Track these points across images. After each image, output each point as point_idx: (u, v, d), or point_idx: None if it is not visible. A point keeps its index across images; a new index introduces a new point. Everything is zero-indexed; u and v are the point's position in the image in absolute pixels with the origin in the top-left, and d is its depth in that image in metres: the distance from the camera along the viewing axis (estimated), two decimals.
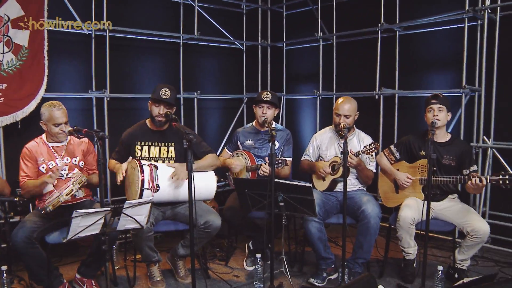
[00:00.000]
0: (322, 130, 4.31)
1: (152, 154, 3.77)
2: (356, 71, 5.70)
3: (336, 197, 3.98)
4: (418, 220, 3.58)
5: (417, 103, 5.10)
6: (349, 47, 5.74)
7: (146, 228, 3.34)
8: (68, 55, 4.89)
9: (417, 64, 5.14)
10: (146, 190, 3.39)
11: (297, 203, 3.39)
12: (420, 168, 3.80)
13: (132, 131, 3.84)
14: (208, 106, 6.16)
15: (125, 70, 5.31)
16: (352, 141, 4.06)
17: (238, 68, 6.36)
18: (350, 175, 4.00)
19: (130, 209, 2.76)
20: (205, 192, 3.75)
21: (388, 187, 4.02)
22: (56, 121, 3.48)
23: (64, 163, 3.58)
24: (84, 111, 5.05)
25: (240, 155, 4.25)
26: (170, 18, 5.63)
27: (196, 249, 3.76)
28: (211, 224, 3.56)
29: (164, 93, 3.63)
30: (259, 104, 4.20)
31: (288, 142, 4.32)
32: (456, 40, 4.70)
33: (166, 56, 5.67)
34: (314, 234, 3.72)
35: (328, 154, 4.09)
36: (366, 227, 3.63)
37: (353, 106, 3.94)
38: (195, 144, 3.76)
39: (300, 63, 6.47)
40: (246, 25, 6.31)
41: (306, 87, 6.33)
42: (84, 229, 2.66)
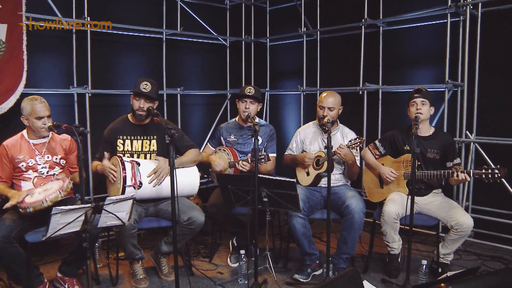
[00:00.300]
0: (305, 125, 4.29)
1: (134, 147, 3.72)
2: (340, 67, 5.70)
3: (320, 192, 3.96)
4: (403, 214, 3.58)
5: (400, 98, 5.11)
6: (333, 43, 5.74)
7: (129, 225, 3.29)
8: (49, 50, 4.79)
9: (400, 59, 5.16)
10: (128, 187, 3.33)
11: (281, 198, 3.37)
12: (404, 162, 3.80)
13: (113, 126, 3.78)
14: (192, 102, 6.10)
15: (107, 66, 5.23)
16: (336, 136, 4.05)
17: (222, 64, 6.31)
18: (334, 170, 3.99)
19: (111, 206, 2.71)
20: (188, 188, 3.71)
21: (372, 182, 4.02)
22: (38, 114, 3.40)
23: (45, 161, 3.50)
24: (66, 107, 4.95)
25: (223, 151, 4.21)
26: (153, 14, 5.56)
27: (180, 246, 3.71)
28: (195, 221, 3.53)
29: (145, 86, 3.58)
30: (242, 99, 4.16)
31: (272, 137, 4.30)
32: (439, 35, 4.72)
33: (149, 51, 5.60)
34: (298, 230, 3.71)
35: (312, 148, 4.08)
36: (351, 222, 3.62)
37: (337, 100, 3.93)
38: (178, 139, 3.71)
39: (284, 59, 6.45)
40: (229, 20, 6.26)
41: (290, 83, 6.32)
42: (64, 226, 2.59)
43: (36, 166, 3.46)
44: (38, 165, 3.47)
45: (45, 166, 3.49)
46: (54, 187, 3.22)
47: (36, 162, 3.46)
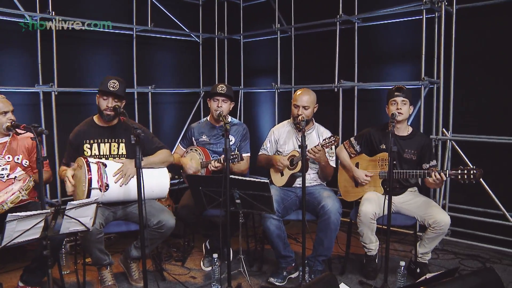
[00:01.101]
0: (280, 124, 4.18)
1: (102, 151, 3.54)
2: (315, 64, 5.60)
3: (295, 193, 3.86)
4: (379, 214, 3.50)
5: (376, 95, 5.06)
6: (308, 39, 5.64)
7: (95, 230, 3.12)
8: (11, 46, 4.57)
9: (376, 56, 5.09)
10: (94, 189, 3.16)
11: (254, 200, 3.24)
12: (380, 161, 3.72)
13: (79, 129, 3.58)
14: (163, 100, 5.95)
15: (74, 63, 5.03)
16: (311, 135, 3.95)
17: (194, 61, 6.17)
18: (309, 169, 3.90)
19: (73, 211, 2.55)
20: (158, 190, 3.55)
21: (347, 181, 3.93)
22: (2, 109, 3.24)
23: (6, 162, 3.31)
24: (30, 106, 4.75)
25: (195, 151, 4.07)
26: (122, 9, 5.38)
27: (149, 251, 3.57)
28: (164, 224, 3.37)
29: (113, 85, 3.41)
30: (214, 97, 4.03)
31: (245, 137, 4.17)
32: (414, 32, 4.68)
33: (118, 48, 5.42)
34: (272, 232, 3.59)
35: (286, 148, 3.97)
36: (327, 223, 3.52)
37: (312, 98, 3.83)
38: (146, 140, 3.57)
39: (258, 56, 6.33)
40: (202, 16, 6.13)
41: (264, 80, 6.20)
42: (21, 233, 2.43)
43: None
44: None
45: (6, 168, 3.30)
46: (14, 188, 3.04)
47: None
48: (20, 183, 3.07)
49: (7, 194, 3.00)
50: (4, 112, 3.24)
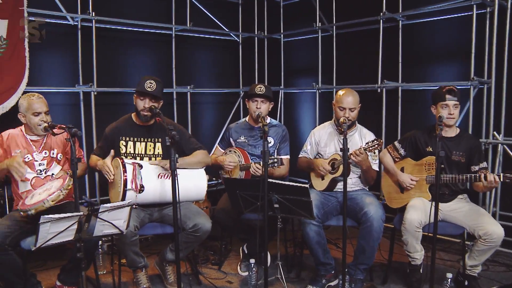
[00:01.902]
0: (321, 125, 4.03)
1: (137, 150, 3.50)
2: (357, 63, 5.41)
3: (336, 198, 3.71)
4: (425, 222, 3.30)
5: (421, 96, 4.83)
6: (350, 38, 5.46)
7: (129, 232, 3.08)
8: (53, 47, 4.63)
9: (421, 55, 4.85)
10: (129, 190, 3.12)
11: (293, 205, 3.12)
12: (426, 165, 3.52)
13: (116, 125, 3.57)
14: (203, 100, 5.90)
15: (114, 63, 5.06)
16: (354, 137, 3.79)
17: (234, 61, 6.09)
18: (351, 173, 3.73)
19: (106, 214, 2.49)
20: (195, 193, 3.47)
21: (392, 186, 3.74)
22: (35, 110, 3.23)
23: (43, 157, 3.32)
24: (71, 106, 4.80)
25: (233, 153, 3.98)
26: (161, 9, 5.37)
27: (185, 255, 3.50)
28: (200, 228, 3.29)
29: (149, 85, 3.36)
30: (253, 98, 3.92)
31: (285, 138, 4.06)
32: (463, 29, 4.42)
33: (158, 48, 5.42)
34: (312, 238, 3.45)
35: (327, 151, 3.82)
36: (369, 231, 3.36)
37: (357, 98, 3.67)
38: (184, 140, 3.52)
39: (299, 55, 6.18)
40: (242, 15, 6.04)
41: (305, 80, 6.05)
42: (55, 235, 2.39)
43: (33, 162, 3.28)
44: (35, 161, 3.29)
45: (43, 163, 3.31)
46: (54, 185, 3.03)
47: (33, 158, 3.29)
48: (60, 181, 3.05)
49: (47, 191, 2.98)
50: (37, 113, 3.23)
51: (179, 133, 3.48)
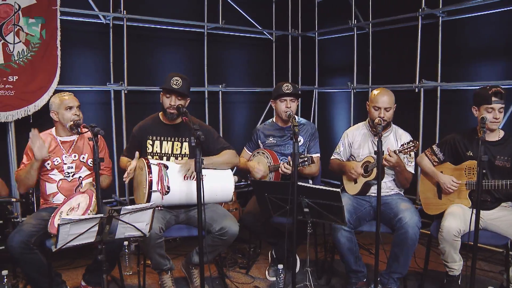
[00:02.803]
0: (354, 126, 3.87)
1: (164, 149, 3.44)
2: (394, 62, 5.19)
3: (369, 202, 3.54)
4: (465, 231, 3.09)
5: (462, 96, 4.58)
6: (386, 36, 5.25)
7: (154, 234, 3.01)
8: (85, 46, 4.66)
9: (462, 53, 4.59)
10: (154, 192, 3.05)
11: (323, 209, 2.97)
12: (467, 170, 3.31)
13: (143, 124, 3.51)
14: (235, 100, 5.82)
15: (145, 62, 5.04)
16: (389, 138, 3.61)
17: (267, 59, 5.99)
18: (385, 176, 3.55)
19: (128, 216, 2.42)
20: (222, 194, 3.38)
21: (429, 191, 3.54)
22: (68, 105, 3.23)
23: (72, 160, 3.29)
24: (103, 104, 4.81)
25: (262, 154, 3.86)
26: (193, 6, 5.32)
27: (211, 258, 3.41)
28: (227, 231, 3.19)
29: (175, 82, 3.28)
30: (281, 98, 3.80)
31: (314, 136, 3.91)
32: (508, 24, 4.16)
33: (189, 46, 5.37)
34: (343, 245, 3.30)
35: (361, 153, 3.65)
36: (403, 238, 3.18)
37: (392, 98, 3.49)
38: (211, 140, 3.43)
39: (333, 54, 6.01)
40: (275, 13, 5.92)
41: (340, 79, 5.87)
42: (76, 237, 2.34)
43: (62, 165, 3.26)
44: (64, 164, 3.27)
45: (72, 166, 3.29)
46: (81, 206, 2.96)
47: (62, 161, 3.27)
48: (86, 199, 2.98)
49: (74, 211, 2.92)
50: (69, 107, 3.23)
51: (206, 132, 3.41)
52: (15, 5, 3.98)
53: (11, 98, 4.02)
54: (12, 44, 4.01)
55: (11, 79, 4.01)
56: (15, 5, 3.97)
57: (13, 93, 4.02)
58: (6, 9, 3.95)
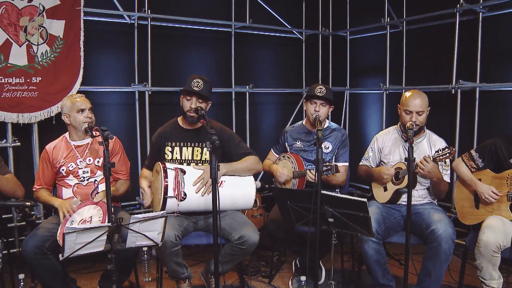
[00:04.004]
0: (385, 130, 3.65)
1: (184, 156, 3.30)
2: (429, 62, 4.90)
3: (400, 212, 3.32)
4: (505, 246, 2.84)
5: (503, 98, 4.27)
6: (421, 34, 4.96)
7: (170, 243, 2.88)
8: (109, 47, 4.60)
9: (504, 51, 4.27)
10: (170, 198, 2.92)
11: (349, 220, 2.78)
12: (509, 179, 3.04)
13: (161, 131, 3.39)
14: (262, 101, 5.66)
15: (170, 62, 4.94)
16: (422, 144, 3.38)
17: (297, 59, 5.79)
18: (418, 185, 3.32)
19: (137, 225, 2.30)
20: (242, 201, 3.23)
21: (465, 199, 3.28)
22: (79, 107, 3.17)
23: (86, 164, 3.21)
24: (127, 105, 4.74)
25: (287, 158, 3.69)
26: (219, 5, 5.19)
27: (229, 268, 3.26)
28: (246, 240, 3.02)
29: (196, 84, 3.15)
30: (311, 99, 3.62)
31: (344, 144, 3.71)
32: None
33: (215, 46, 5.24)
34: (370, 257, 3.10)
35: (391, 159, 3.44)
36: (436, 252, 2.94)
37: (425, 101, 3.26)
38: (232, 145, 3.29)
39: (365, 54, 5.75)
40: (305, 12, 5.73)
41: (372, 80, 5.62)
42: (83, 246, 2.24)
43: (76, 170, 3.19)
44: (79, 169, 3.20)
45: (86, 171, 3.21)
46: (94, 220, 2.86)
47: (76, 165, 3.20)
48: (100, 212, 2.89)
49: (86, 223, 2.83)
50: (81, 109, 3.16)
51: (227, 137, 3.28)
52: (39, 7, 3.95)
53: (35, 99, 3.99)
54: (36, 45, 3.98)
55: (35, 80, 3.99)
56: (39, 6, 3.95)
57: (36, 94, 4.00)
58: (31, 11, 3.93)
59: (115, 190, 3.25)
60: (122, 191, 3.33)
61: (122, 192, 3.33)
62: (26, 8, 3.90)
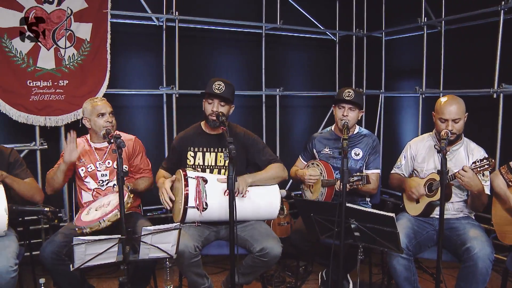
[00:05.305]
0: (419, 137, 3.45)
1: (207, 161, 3.20)
2: (469, 64, 4.61)
3: (433, 226, 3.10)
4: None
5: None
6: (461, 35, 4.67)
7: (188, 253, 2.78)
8: (137, 49, 4.57)
9: None
10: (190, 208, 2.82)
11: (376, 234, 2.61)
12: None
13: (184, 135, 3.30)
14: (293, 104, 5.52)
15: (199, 64, 4.88)
16: (458, 152, 3.16)
17: (330, 62, 5.62)
18: (453, 197, 3.10)
19: (150, 237, 2.21)
20: (266, 211, 3.11)
21: (504, 217, 3.02)
22: (100, 111, 3.12)
23: (105, 167, 3.17)
24: (155, 108, 4.71)
25: (316, 166, 3.53)
26: (249, 6, 5.08)
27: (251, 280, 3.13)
28: (268, 252, 2.89)
29: (218, 86, 3.05)
30: (339, 104, 3.45)
31: (375, 150, 3.53)
32: None
33: (245, 48, 5.13)
34: (399, 273, 2.90)
35: (425, 167, 3.23)
36: (471, 272, 2.72)
37: (462, 107, 3.03)
38: (257, 151, 3.17)
39: (401, 56, 5.50)
40: (339, 12, 5.54)
41: (408, 83, 5.37)
42: (94, 257, 2.17)
43: (95, 172, 3.15)
44: (98, 171, 3.16)
45: (105, 174, 3.17)
46: (112, 203, 2.83)
47: (95, 168, 3.16)
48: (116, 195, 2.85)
49: (104, 208, 2.79)
50: (101, 113, 3.11)
51: (252, 143, 3.18)
52: (67, 10, 3.95)
53: (61, 102, 4.00)
54: (64, 49, 3.99)
55: (62, 83, 3.99)
56: (67, 10, 3.95)
57: (63, 97, 4.00)
58: (59, 14, 3.94)
59: (135, 185, 3.19)
60: (144, 187, 3.26)
61: (144, 188, 3.26)
62: (54, 12, 3.91)
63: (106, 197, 2.96)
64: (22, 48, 3.82)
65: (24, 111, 3.88)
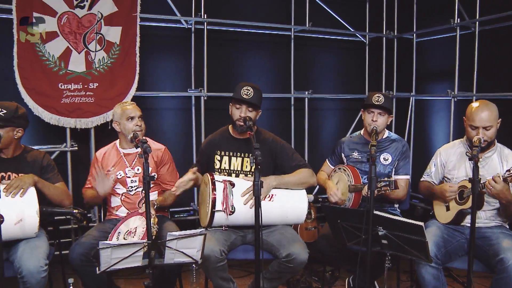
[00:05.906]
0: (450, 143, 3.36)
1: (233, 166, 3.20)
2: (504, 66, 4.44)
3: (463, 234, 3.01)
4: None
5: None
6: (496, 36, 4.51)
7: (214, 258, 2.78)
8: (165, 52, 4.62)
9: None
10: (217, 212, 2.83)
11: (404, 243, 2.56)
12: None
13: (212, 138, 3.31)
14: (323, 107, 5.47)
15: (228, 67, 4.90)
16: (491, 159, 3.05)
17: (359, 64, 5.54)
18: (485, 205, 3.00)
19: (175, 242, 2.22)
20: (293, 216, 3.09)
21: None
22: (129, 115, 3.14)
23: (134, 174, 3.19)
24: (184, 111, 4.74)
25: (343, 171, 3.48)
26: (278, 8, 5.06)
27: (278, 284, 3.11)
28: (294, 258, 2.86)
29: (246, 92, 3.04)
30: (369, 109, 3.40)
31: (405, 155, 3.46)
32: None
33: (274, 51, 5.12)
34: (428, 283, 2.82)
35: (455, 175, 3.14)
36: (505, 284, 2.62)
37: (494, 114, 2.93)
38: (285, 157, 3.15)
39: (433, 58, 5.37)
40: (369, 14, 5.46)
41: (440, 86, 5.24)
42: (119, 261, 2.19)
43: (125, 179, 3.18)
44: (127, 177, 3.19)
45: (135, 180, 3.19)
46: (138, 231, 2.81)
47: (125, 174, 3.19)
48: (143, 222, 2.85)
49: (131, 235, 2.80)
50: (131, 117, 3.14)
51: (280, 148, 3.17)
52: (98, 14, 4.02)
53: (91, 104, 4.07)
54: (94, 52, 4.06)
55: (92, 86, 4.06)
56: (98, 14, 4.02)
57: (93, 100, 4.07)
58: (90, 18, 4.01)
59: (163, 200, 3.20)
60: (170, 202, 3.26)
61: (170, 203, 3.27)
62: (85, 16, 3.99)
63: (132, 220, 2.93)
64: (54, 52, 3.90)
65: (55, 113, 3.96)
